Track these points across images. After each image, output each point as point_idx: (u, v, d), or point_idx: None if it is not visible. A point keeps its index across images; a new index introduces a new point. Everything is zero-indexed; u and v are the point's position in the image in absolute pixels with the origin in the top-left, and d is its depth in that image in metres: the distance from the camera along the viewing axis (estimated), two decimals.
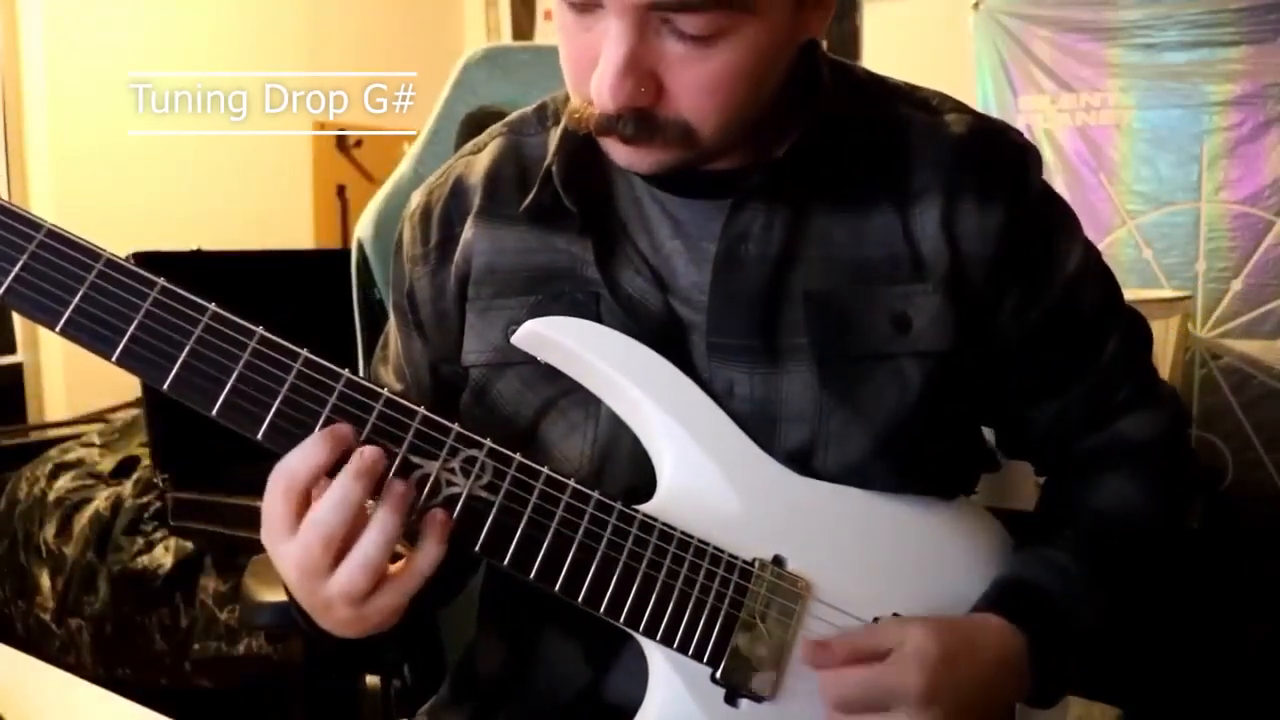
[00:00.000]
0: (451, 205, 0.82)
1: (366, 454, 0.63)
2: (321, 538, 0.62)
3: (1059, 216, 0.81)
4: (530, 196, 0.77)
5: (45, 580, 2.34)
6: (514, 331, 0.74)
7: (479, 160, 0.83)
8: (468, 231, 0.80)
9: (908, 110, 0.78)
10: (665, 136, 0.68)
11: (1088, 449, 0.84)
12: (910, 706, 0.67)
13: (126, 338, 0.62)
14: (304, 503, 0.63)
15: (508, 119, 0.86)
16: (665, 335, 0.74)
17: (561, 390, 0.76)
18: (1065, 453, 0.86)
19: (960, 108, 0.80)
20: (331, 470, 0.63)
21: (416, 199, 0.85)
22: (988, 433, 0.88)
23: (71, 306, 0.62)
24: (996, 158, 0.77)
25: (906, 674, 0.68)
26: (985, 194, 0.76)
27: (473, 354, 0.80)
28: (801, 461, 0.74)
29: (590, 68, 0.66)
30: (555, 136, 0.79)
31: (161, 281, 0.63)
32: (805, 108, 0.74)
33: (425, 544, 0.65)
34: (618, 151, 0.70)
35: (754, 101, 0.69)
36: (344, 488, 0.62)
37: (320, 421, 0.64)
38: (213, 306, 0.64)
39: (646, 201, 0.78)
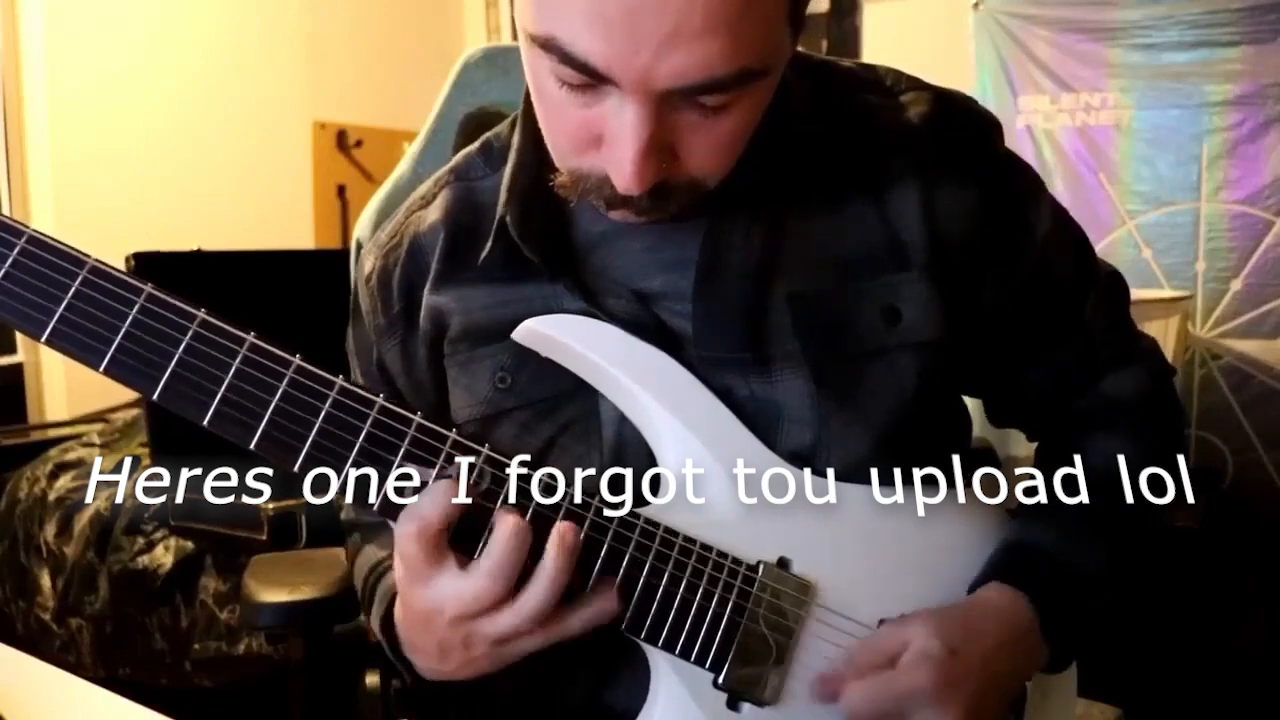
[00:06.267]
0: (410, 269, 0.80)
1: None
2: (498, 583, 0.63)
3: (1026, 184, 0.81)
4: (486, 251, 0.76)
5: (45, 580, 2.33)
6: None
7: (429, 215, 0.80)
8: (430, 297, 0.78)
9: (866, 97, 0.77)
10: (676, 199, 0.66)
11: (1074, 411, 0.84)
12: (927, 707, 0.67)
13: (114, 347, 0.60)
14: (439, 546, 0.63)
15: (452, 163, 0.83)
16: (659, 347, 0.73)
17: (559, 428, 0.76)
18: (1053, 417, 0.86)
19: (916, 84, 0.78)
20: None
21: (370, 262, 0.82)
22: (974, 404, 0.88)
23: (56, 316, 0.60)
24: (964, 135, 0.77)
25: (917, 676, 0.67)
26: (960, 174, 0.75)
27: (464, 409, 0.78)
28: (804, 461, 0.73)
29: (590, 144, 0.64)
30: (505, 177, 0.77)
31: (148, 288, 0.61)
32: (778, 114, 0.72)
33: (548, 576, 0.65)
34: (618, 214, 0.69)
35: (749, 138, 0.68)
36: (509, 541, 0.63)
37: (314, 430, 0.63)
38: (201, 313, 0.62)
39: (614, 227, 0.75)
